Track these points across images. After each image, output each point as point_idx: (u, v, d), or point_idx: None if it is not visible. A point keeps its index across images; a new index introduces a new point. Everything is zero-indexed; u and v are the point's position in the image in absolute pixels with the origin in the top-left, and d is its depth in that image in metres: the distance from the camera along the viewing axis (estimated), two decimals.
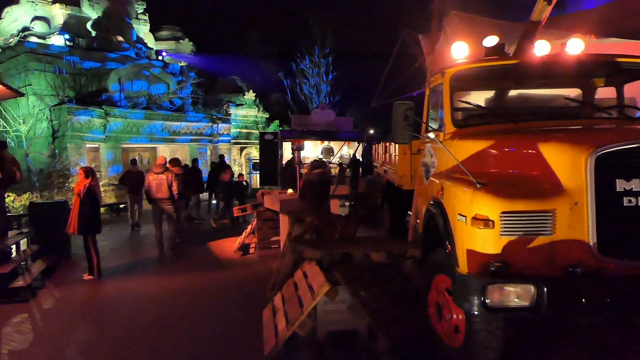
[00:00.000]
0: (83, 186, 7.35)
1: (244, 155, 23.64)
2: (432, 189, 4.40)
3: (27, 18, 19.40)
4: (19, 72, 16.94)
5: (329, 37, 27.84)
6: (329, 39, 27.92)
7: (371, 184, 11.54)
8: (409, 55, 7.17)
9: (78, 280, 7.42)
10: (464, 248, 3.30)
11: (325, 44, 28.05)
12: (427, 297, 4.06)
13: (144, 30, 22.65)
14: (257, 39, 30.34)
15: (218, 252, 9.45)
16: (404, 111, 4.19)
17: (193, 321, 5.60)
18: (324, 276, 4.37)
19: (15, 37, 18.65)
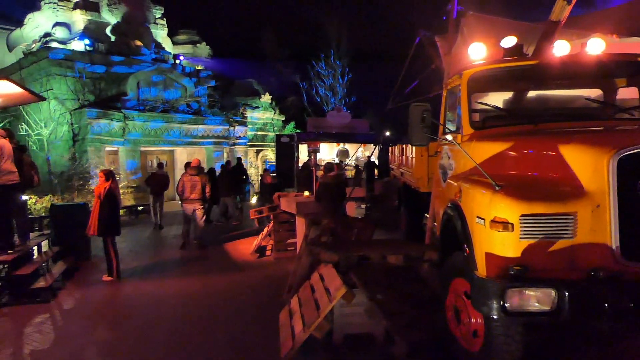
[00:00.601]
0: (103, 189, 7.45)
1: (260, 158, 23.74)
2: (450, 192, 4.36)
3: (48, 24, 19.78)
4: (40, 77, 17.26)
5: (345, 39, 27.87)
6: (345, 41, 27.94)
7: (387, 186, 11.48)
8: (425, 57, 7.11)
9: (97, 282, 7.52)
10: (482, 251, 3.25)
11: (340, 46, 28.07)
12: (444, 300, 4.01)
13: (162, 35, 22.93)
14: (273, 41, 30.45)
15: (234, 253, 9.49)
16: (421, 113, 4.16)
17: (210, 323, 5.62)
18: (340, 279, 4.35)
19: (37, 42, 19.01)
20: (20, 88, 7.11)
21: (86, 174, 15.43)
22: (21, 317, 5.96)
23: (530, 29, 5.41)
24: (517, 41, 4.87)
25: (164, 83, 19.37)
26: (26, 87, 7.50)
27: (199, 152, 20.00)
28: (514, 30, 5.11)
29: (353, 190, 8.28)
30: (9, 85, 6.80)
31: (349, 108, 26.20)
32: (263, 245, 9.35)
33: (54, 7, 19.84)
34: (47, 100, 15.04)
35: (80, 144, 16.40)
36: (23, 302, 6.38)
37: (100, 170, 9.29)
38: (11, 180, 6.56)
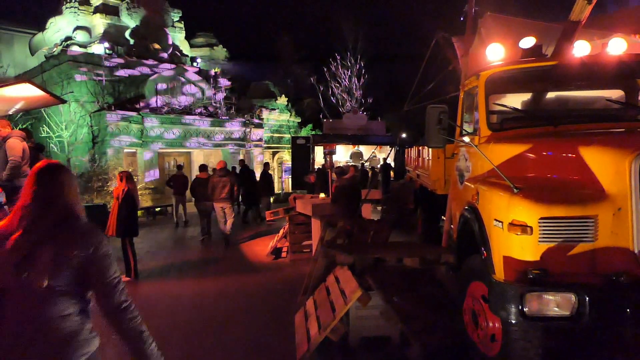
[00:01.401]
0: (121, 190, 7.55)
1: (276, 160, 23.83)
2: (467, 194, 4.32)
3: (69, 28, 20.14)
4: (61, 80, 17.58)
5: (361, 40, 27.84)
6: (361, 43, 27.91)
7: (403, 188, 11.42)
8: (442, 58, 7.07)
9: None
10: (500, 254, 3.21)
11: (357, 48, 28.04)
12: (462, 304, 3.97)
13: (180, 38, 23.17)
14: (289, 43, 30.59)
15: (250, 255, 9.54)
16: (438, 115, 4.14)
17: (226, 324, 5.65)
18: (356, 281, 4.34)
19: (59, 46, 19.38)
20: (41, 91, 7.21)
21: (105, 176, 15.64)
22: None
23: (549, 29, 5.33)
24: (536, 42, 4.81)
25: (182, 85, 19.58)
26: (47, 90, 7.62)
27: (215, 154, 20.16)
28: (532, 30, 5.05)
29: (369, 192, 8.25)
30: (31, 88, 6.91)
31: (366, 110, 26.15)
32: (279, 247, 9.37)
33: (75, 11, 20.21)
34: (68, 103, 15.29)
35: (100, 145, 16.65)
36: None
37: (118, 171, 9.45)
38: None
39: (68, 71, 17.27)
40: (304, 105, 27.50)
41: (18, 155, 6.51)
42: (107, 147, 16.41)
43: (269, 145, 23.36)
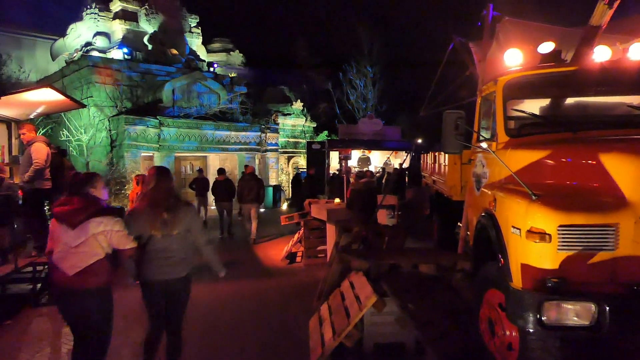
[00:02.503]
0: (136, 193, 7.64)
1: (292, 165, 23.88)
2: (484, 200, 4.28)
3: (89, 34, 20.51)
4: (81, 85, 17.87)
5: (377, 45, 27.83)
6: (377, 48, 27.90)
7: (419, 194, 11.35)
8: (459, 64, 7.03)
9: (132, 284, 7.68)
10: (518, 262, 3.17)
11: (372, 53, 28.04)
12: (478, 311, 3.92)
13: (197, 43, 23.42)
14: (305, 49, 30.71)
15: (265, 259, 9.56)
16: (455, 120, 4.12)
17: (240, 328, 5.67)
18: (371, 287, 4.33)
19: (79, 51, 19.73)
20: (62, 95, 7.35)
21: (122, 179, 15.85)
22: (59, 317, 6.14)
23: (568, 34, 5.28)
24: (555, 47, 4.77)
25: (198, 90, 19.78)
26: (68, 95, 7.77)
27: (230, 158, 20.28)
28: (551, 35, 5.00)
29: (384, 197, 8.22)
30: (51, 93, 7.05)
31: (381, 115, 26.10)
32: (293, 252, 9.38)
33: (95, 17, 20.58)
34: (87, 107, 15.56)
35: (118, 149, 16.87)
36: None
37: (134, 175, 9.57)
38: (46, 186, 6.85)
39: (88, 76, 17.56)
40: (319, 110, 27.54)
41: (43, 159, 6.64)
42: (125, 151, 16.62)
43: (285, 150, 23.43)
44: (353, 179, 8.90)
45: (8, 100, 6.89)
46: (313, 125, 25.46)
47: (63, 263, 3.44)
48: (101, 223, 3.49)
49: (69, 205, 3.51)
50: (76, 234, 3.44)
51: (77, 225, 3.44)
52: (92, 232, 3.46)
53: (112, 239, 3.55)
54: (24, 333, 5.59)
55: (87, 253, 3.46)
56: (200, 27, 23.70)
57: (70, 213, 3.46)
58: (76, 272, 3.42)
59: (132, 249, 3.67)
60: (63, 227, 3.47)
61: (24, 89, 7.26)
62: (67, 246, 3.44)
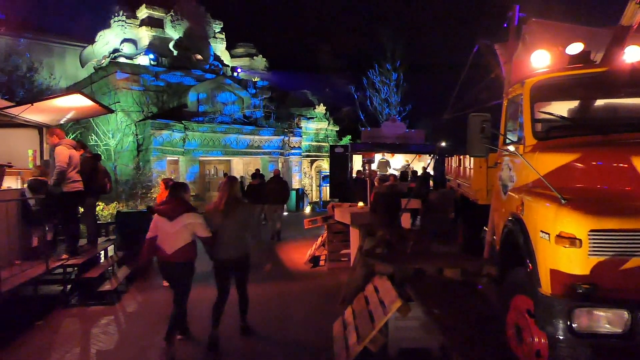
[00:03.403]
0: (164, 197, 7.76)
1: (315, 168, 23.93)
2: (511, 204, 4.21)
3: (117, 41, 21.01)
4: (109, 90, 18.33)
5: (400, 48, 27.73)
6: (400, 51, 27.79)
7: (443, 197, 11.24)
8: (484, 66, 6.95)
9: (159, 286, 7.80)
10: (547, 268, 3.11)
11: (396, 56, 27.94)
12: (505, 317, 3.85)
13: (221, 49, 23.73)
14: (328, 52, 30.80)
15: (288, 263, 9.59)
16: (481, 123, 4.08)
17: (263, 331, 5.70)
18: (395, 291, 4.30)
19: (107, 58, 20.22)
20: (91, 101, 7.54)
21: (149, 183, 16.13)
22: (88, 317, 6.29)
23: (597, 34, 5.16)
24: (583, 48, 4.67)
25: (222, 95, 20.02)
26: (96, 100, 7.95)
27: (254, 162, 20.46)
28: (580, 36, 4.90)
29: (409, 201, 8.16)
30: (81, 99, 7.23)
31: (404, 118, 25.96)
32: (317, 255, 9.38)
33: (122, 24, 21.09)
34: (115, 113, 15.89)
35: (144, 153, 17.20)
36: (90, 304, 6.74)
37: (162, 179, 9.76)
38: (75, 188, 6.97)
39: (115, 82, 17.97)
40: (342, 114, 27.56)
41: (64, 162, 6.79)
42: (151, 155, 16.93)
43: (308, 153, 23.51)
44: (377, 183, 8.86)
45: (40, 106, 7.09)
46: (336, 129, 25.47)
47: (164, 244, 4.87)
48: (189, 217, 4.90)
49: (168, 205, 5.00)
50: (173, 225, 4.85)
51: (174, 219, 4.86)
52: (183, 224, 4.85)
53: (196, 228, 4.93)
54: (54, 333, 5.73)
55: (179, 238, 4.86)
56: (224, 33, 24.03)
57: (169, 210, 4.92)
58: (173, 251, 4.85)
59: (208, 236, 5.01)
60: (164, 219, 4.88)
61: (55, 95, 7.46)
62: (166, 233, 4.86)
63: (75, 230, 7.30)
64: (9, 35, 17.04)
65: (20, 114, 7.00)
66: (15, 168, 7.55)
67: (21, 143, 8.28)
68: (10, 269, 5.90)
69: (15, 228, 6.53)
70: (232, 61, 24.63)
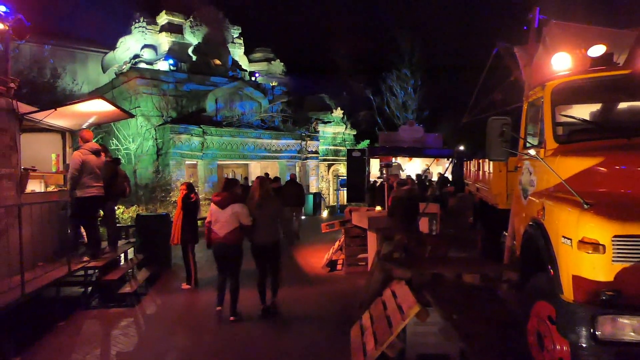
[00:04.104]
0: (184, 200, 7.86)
1: (332, 172, 23.93)
2: (532, 209, 4.15)
3: (137, 46, 21.35)
4: (130, 96, 18.61)
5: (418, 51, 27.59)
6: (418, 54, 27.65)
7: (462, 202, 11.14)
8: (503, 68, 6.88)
9: (177, 289, 7.88)
10: (569, 274, 3.05)
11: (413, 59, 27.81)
12: (526, 324, 3.80)
13: (239, 53, 23.93)
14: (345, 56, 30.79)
15: (306, 267, 9.59)
16: (500, 127, 4.04)
17: (281, 335, 5.70)
18: (414, 296, 4.26)
19: (128, 64, 20.55)
20: (112, 106, 7.66)
21: (167, 186, 16.30)
22: (109, 319, 6.38)
23: (620, 36, 5.07)
24: (606, 49, 4.58)
25: (240, 99, 20.17)
26: (118, 105, 8.07)
27: (272, 165, 20.54)
28: (602, 38, 4.81)
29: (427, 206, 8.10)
30: (103, 104, 7.35)
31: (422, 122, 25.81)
32: (334, 260, 9.37)
33: (143, 30, 21.43)
34: (135, 117, 16.12)
35: (163, 157, 17.40)
36: (110, 306, 6.84)
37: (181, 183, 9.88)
38: (89, 193, 7.01)
39: (136, 87, 18.25)
40: (359, 118, 27.51)
41: (75, 168, 6.88)
42: (170, 159, 17.12)
43: (325, 157, 23.52)
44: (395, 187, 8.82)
45: (63, 111, 7.22)
46: (353, 132, 25.44)
47: (217, 229, 6.16)
48: (236, 207, 6.13)
49: (221, 197, 6.22)
50: (224, 213, 6.13)
51: (224, 207, 6.13)
52: (232, 212, 6.10)
53: (241, 216, 6.12)
54: (76, 334, 5.81)
55: (229, 223, 6.11)
56: (242, 38, 24.21)
57: (222, 201, 6.18)
58: (224, 234, 6.11)
59: (249, 224, 6.15)
60: (217, 208, 6.18)
61: (78, 100, 7.59)
62: (219, 219, 6.14)
63: (94, 234, 7.39)
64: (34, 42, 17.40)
65: (44, 119, 7.13)
66: (39, 172, 7.69)
67: (45, 147, 8.43)
68: (34, 271, 6.01)
69: (39, 231, 6.65)
70: (250, 66, 24.81)
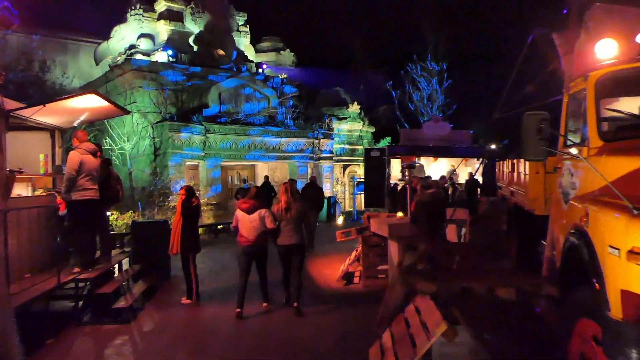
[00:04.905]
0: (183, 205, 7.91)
1: (347, 174, 23.92)
2: (574, 215, 4.11)
3: (133, 36, 21.57)
4: (125, 90, 18.78)
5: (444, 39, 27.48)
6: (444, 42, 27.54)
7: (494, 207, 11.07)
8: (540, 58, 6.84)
9: (177, 304, 7.93)
10: (617, 288, 3.01)
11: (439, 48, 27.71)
12: (567, 344, 3.76)
13: (245, 43, 24.07)
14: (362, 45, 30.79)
15: (320, 279, 9.60)
16: (538, 123, 4.02)
17: (292, 355, 5.70)
18: (440, 313, 4.24)
19: (122, 55, 20.77)
20: (106, 102, 7.74)
21: (167, 190, 16.40)
22: (102, 336, 6.44)
23: None
24: None
25: (246, 94, 20.26)
26: (112, 101, 8.15)
27: (281, 167, 20.61)
28: None
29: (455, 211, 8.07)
30: (96, 99, 7.42)
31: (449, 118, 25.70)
32: (350, 272, 9.36)
33: (139, 18, 21.65)
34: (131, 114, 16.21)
35: (162, 158, 17.51)
36: (104, 322, 6.90)
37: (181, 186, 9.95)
38: (85, 196, 7.11)
39: (131, 81, 18.42)
40: (378, 113, 27.47)
41: (73, 168, 6.98)
42: (169, 160, 17.20)
43: (340, 157, 23.53)
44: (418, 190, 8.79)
45: (52, 107, 7.29)
46: (371, 130, 25.41)
47: (245, 232, 7.25)
48: (261, 212, 7.26)
49: (248, 204, 7.29)
50: (250, 218, 7.23)
51: (251, 213, 7.23)
52: (258, 217, 7.21)
53: (266, 221, 7.22)
54: (66, 353, 5.88)
55: (255, 228, 7.23)
56: (248, 26, 24.34)
57: (248, 208, 7.26)
58: (252, 237, 7.22)
59: (274, 227, 7.26)
60: (243, 213, 7.26)
61: (69, 96, 7.68)
62: (246, 224, 7.24)
63: (87, 241, 7.46)
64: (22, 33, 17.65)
65: (32, 116, 7.23)
66: (27, 174, 7.78)
67: (32, 147, 8.52)
68: (20, 283, 6.08)
69: (26, 239, 6.74)
70: (257, 56, 24.94)
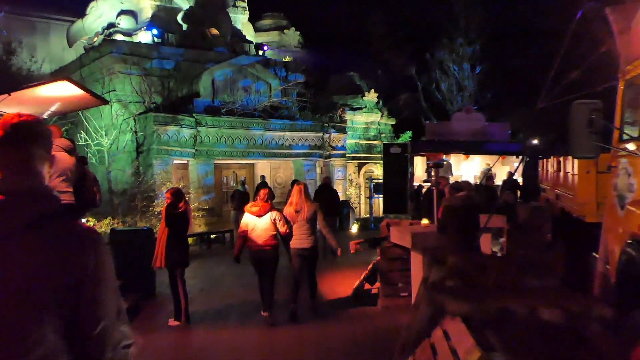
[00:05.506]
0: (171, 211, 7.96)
1: (363, 174, 23.92)
2: (631, 222, 4.13)
3: (112, 13, 21.69)
4: (102, 76, 18.80)
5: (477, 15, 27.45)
6: (477, 18, 27.51)
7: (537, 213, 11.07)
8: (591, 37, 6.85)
9: (163, 326, 7.98)
10: None
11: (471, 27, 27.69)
12: None
13: (242, 20, 24.12)
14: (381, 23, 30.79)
15: (331, 297, 9.63)
16: (589, 113, 4.04)
17: None
18: (473, 338, 4.25)
19: (100, 35, 20.84)
20: (81, 90, 7.77)
21: (151, 193, 16.39)
22: None
23: None
24: None
25: (244, 80, 20.27)
26: (88, 89, 8.20)
27: (284, 165, 20.64)
28: None
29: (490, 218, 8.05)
30: (69, 87, 7.43)
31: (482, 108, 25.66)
32: (367, 289, 9.37)
33: None
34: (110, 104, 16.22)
35: (145, 156, 17.53)
36: None
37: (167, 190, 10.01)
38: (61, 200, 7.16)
39: (110, 65, 18.42)
40: (399, 103, 27.48)
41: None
42: (154, 158, 17.17)
43: (355, 155, 23.52)
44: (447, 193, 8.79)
45: (18, 96, 7.34)
46: (392, 122, 25.39)
47: (254, 236, 7.92)
48: (272, 215, 8.00)
49: (258, 207, 8.06)
50: (260, 221, 7.95)
51: (261, 216, 7.96)
52: (270, 220, 7.95)
53: (277, 224, 7.97)
54: None
55: (266, 231, 7.95)
56: (246, 1, 24.40)
57: (258, 211, 8.01)
58: (262, 241, 7.90)
59: (286, 231, 8.01)
60: (253, 217, 7.98)
61: (38, 83, 7.75)
62: (256, 228, 7.93)
63: None
64: None
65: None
66: None
67: None
68: None
69: None
70: (256, 36, 25.02)
